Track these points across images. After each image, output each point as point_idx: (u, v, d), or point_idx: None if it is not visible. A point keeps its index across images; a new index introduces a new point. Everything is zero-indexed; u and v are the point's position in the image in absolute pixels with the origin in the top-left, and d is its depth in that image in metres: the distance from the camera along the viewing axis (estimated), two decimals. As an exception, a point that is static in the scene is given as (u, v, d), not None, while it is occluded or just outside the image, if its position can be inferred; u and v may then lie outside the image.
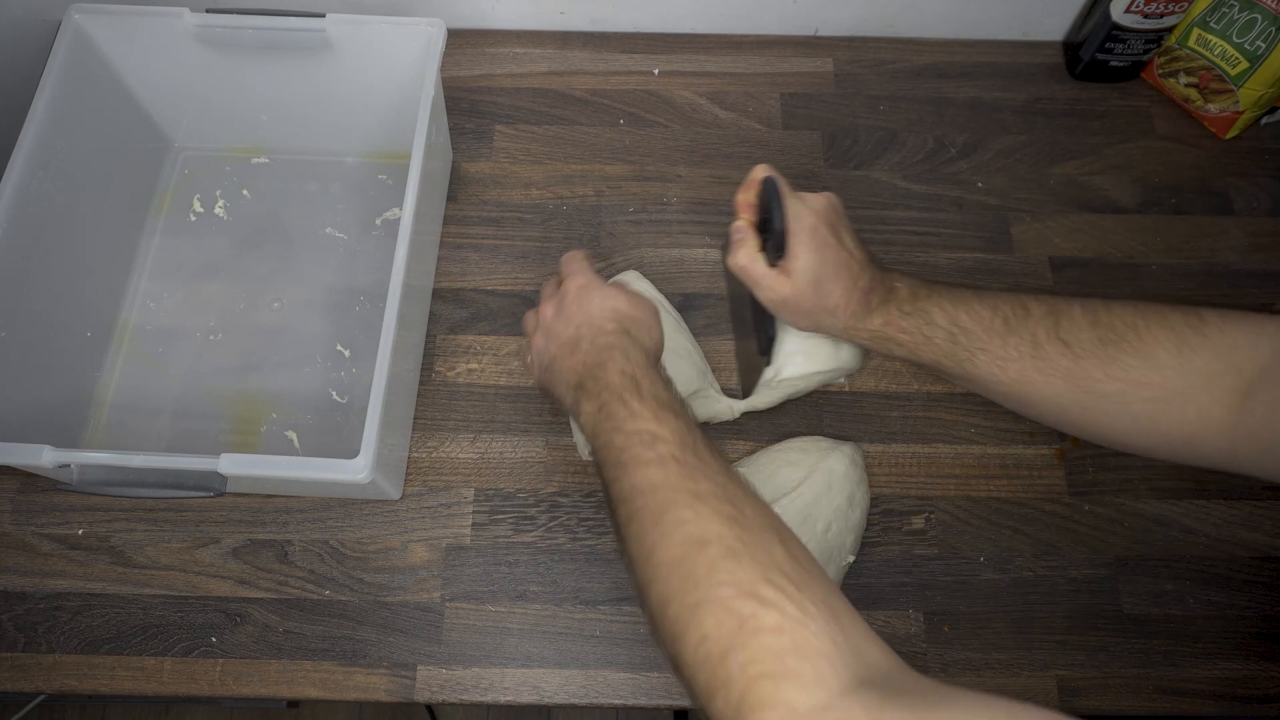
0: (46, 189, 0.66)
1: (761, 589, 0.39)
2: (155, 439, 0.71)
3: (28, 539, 0.68)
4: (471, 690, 0.64)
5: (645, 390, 0.50)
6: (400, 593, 0.67)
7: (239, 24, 0.69)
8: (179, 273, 0.78)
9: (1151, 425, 0.50)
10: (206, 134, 0.81)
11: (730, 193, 0.81)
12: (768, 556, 0.41)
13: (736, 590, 0.40)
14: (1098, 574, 0.68)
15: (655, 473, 0.46)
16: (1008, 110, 0.86)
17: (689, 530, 0.43)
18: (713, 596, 0.40)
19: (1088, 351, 0.51)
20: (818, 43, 0.89)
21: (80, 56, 0.69)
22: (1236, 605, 0.67)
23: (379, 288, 0.77)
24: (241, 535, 0.68)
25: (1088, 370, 0.51)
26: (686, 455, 0.46)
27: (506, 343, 0.75)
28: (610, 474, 0.49)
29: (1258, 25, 0.77)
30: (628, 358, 0.53)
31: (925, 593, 0.67)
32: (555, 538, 0.68)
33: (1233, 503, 0.70)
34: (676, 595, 0.41)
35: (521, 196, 0.81)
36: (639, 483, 0.46)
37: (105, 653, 0.64)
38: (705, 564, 0.41)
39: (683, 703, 0.64)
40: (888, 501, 0.70)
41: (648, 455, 0.47)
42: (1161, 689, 0.65)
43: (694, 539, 0.42)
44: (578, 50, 0.88)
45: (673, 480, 0.45)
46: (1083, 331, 0.52)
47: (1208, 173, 0.83)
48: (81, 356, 0.71)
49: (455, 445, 0.71)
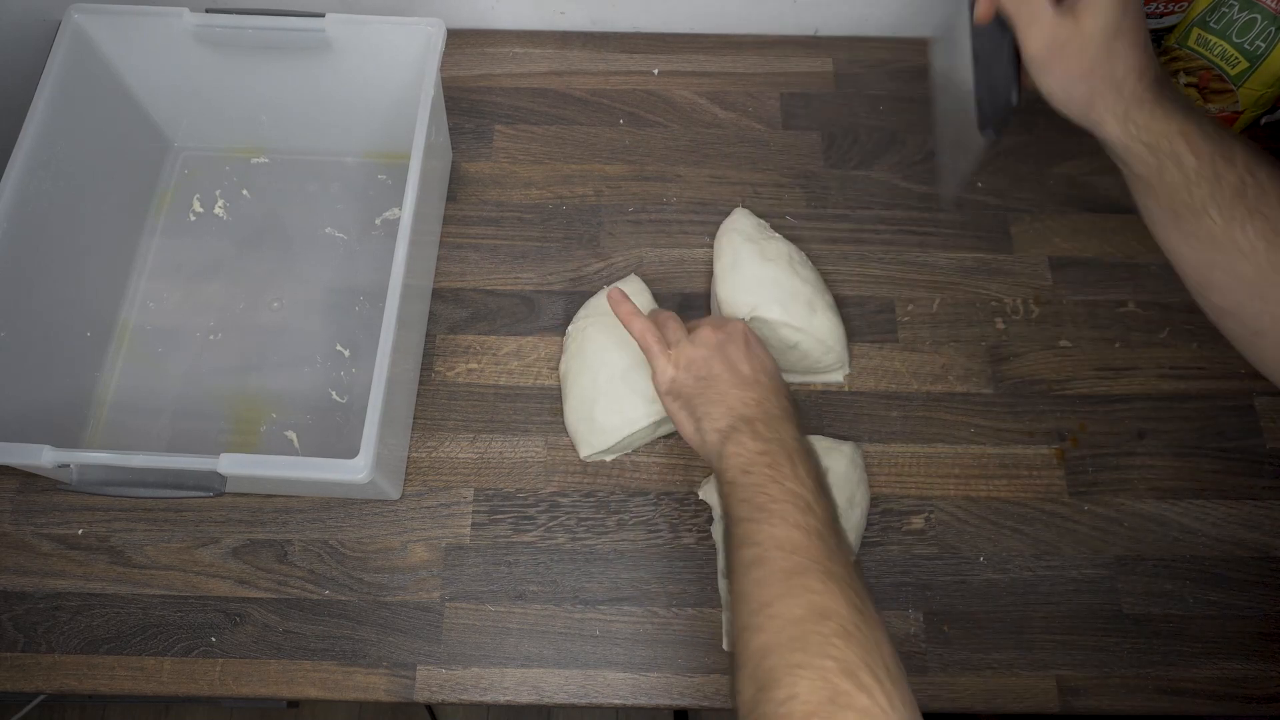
0: (46, 189, 0.66)
1: (861, 674, 0.42)
2: (155, 439, 0.71)
3: (27, 539, 0.68)
4: (471, 690, 0.64)
5: (812, 465, 0.54)
6: (400, 592, 0.67)
7: (239, 24, 0.69)
8: (179, 273, 0.78)
9: None
10: (206, 134, 0.82)
11: (730, 193, 0.81)
12: (876, 648, 0.44)
13: (839, 667, 0.42)
14: (1097, 574, 0.68)
15: (800, 537, 0.49)
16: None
17: (815, 600, 0.46)
18: (816, 664, 0.43)
19: None
20: (817, 43, 0.89)
21: (80, 56, 0.69)
22: (1236, 605, 0.67)
23: (379, 288, 0.76)
24: (241, 535, 0.68)
25: None
26: (829, 536, 0.49)
27: (506, 343, 0.75)
28: (748, 512, 0.51)
29: (1257, 25, 0.77)
30: (798, 429, 0.56)
31: (925, 593, 0.67)
32: (555, 538, 0.68)
33: (1233, 503, 0.70)
34: (782, 650, 0.44)
35: (521, 196, 0.81)
36: (781, 538, 0.49)
37: (105, 653, 0.64)
38: (820, 634, 0.44)
39: (683, 703, 0.64)
40: (887, 501, 0.70)
41: (798, 519, 0.49)
42: (1161, 689, 0.65)
43: (817, 609, 0.45)
44: (578, 50, 0.88)
45: (814, 551, 0.48)
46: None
47: (1208, 173, 0.83)
48: (81, 356, 0.71)
49: (455, 445, 0.71)
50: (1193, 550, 0.69)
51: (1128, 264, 0.79)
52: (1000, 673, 0.65)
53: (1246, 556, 0.68)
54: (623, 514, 0.69)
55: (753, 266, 0.70)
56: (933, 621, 0.66)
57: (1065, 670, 0.65)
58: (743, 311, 0.69)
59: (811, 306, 0.69)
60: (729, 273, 0.71)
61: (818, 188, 0.82)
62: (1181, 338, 0.76)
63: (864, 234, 0.79)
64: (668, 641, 0.66)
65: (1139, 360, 0.75)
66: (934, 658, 0.65)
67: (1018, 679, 0.65)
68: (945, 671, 0.65)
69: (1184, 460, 0.71)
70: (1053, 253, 0.79)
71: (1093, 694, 0.64)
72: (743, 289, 0.69)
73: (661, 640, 0.66)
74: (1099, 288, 0.78)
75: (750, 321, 0.68)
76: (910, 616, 0.66)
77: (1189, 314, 0.76)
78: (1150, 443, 0.72)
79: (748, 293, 0.69)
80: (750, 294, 0.69)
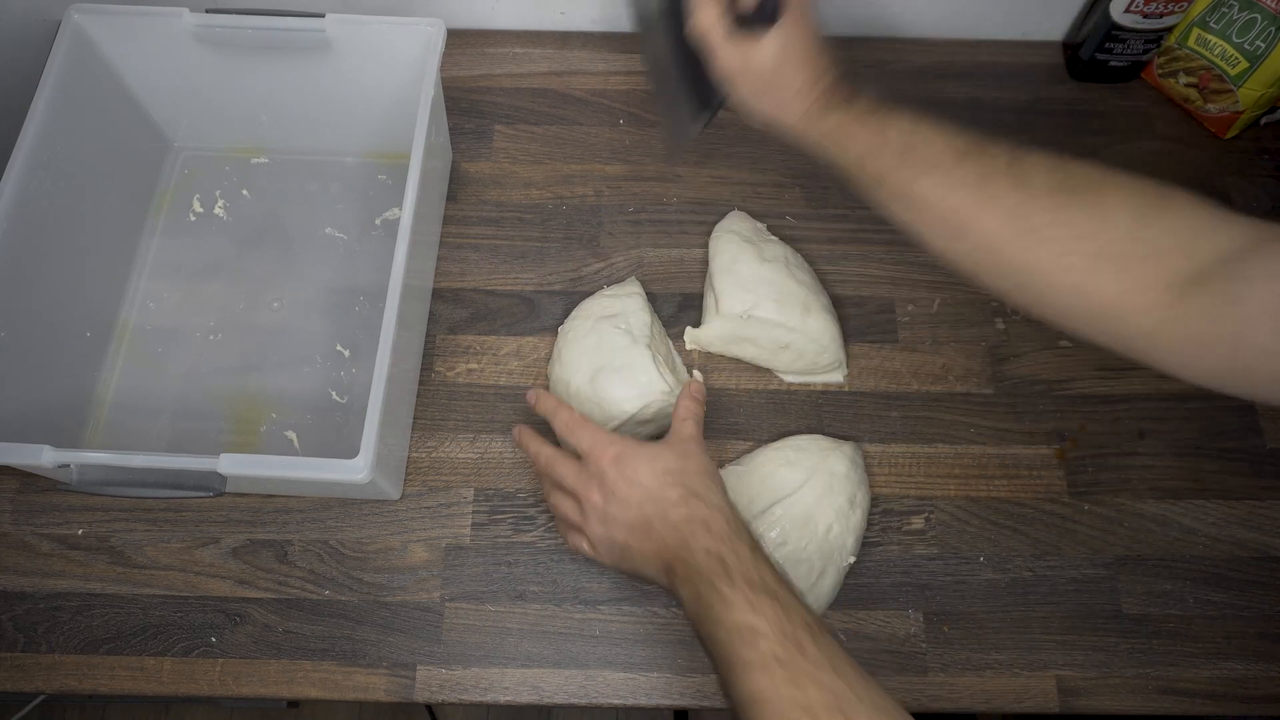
0: (46, 189, 0.66)
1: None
2: (155, 439, 0.71)
3: (27, 539, 0.68)
4: (471, 690, 0.64)
5: (735, 571, 0.48)
6: (400, 592, 0.67)
7: (239, 24, 0.69)
8: (179, 273, 0.78)
9: (1083, 283, 0.48)
10: (206, 134, 0.82)
11: (729, 193, 0.81)
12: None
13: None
14: (1097, 574, 0.68)
15: (761, 680, 0.45)
16: (1007, 110, 0.86)
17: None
18: None
19: (1039, 193, 0.49)
20: (817, 43, 0.89)
21: (80, 56, 0.69)
22: (1236, 605, 0.67)
23: (379, 288, 0.76)
24: (241, 535, 0.68)
25: (1034, 211, 0.49)
26: (789, 651, 0.45)
27: (506, 343, 0.75)
28: (721, 674, 0.48)
29: (1257, 25, 0.77)
30: (709, 529, 0.50)
31: (925, 593, 0.67)
32: (555, 537, 0.68)
33: (1232, 502, 0.70)
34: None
35: (521, 196, 0.81)
36: (746, 694, 0.45)
37: (105, 653, 0.64)
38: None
39: (682, 703, 0.64)
40: (887, 501, 0.70)
41: (750, 656, 0.45)
42: (1161, 689, 0.65)
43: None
44: (578, 50, 0.88)
45: (780, 690, 0.44)
46: (1039, 175, 0.50)
47: (1207, 173, 0.83)
48: (81, 356, 0.71)
49: (455, 445, 0.71)
50: (1193, 550, 0.69)
51: (1128, 264, 0.79)
52: (1000, 673, 0.65)
53: (1246, 556, 0.68)
54: (623, 514, 0.69)
55: (750, 266, 0.71)
56: (933, 621, 0.66)
57: (1065, 670, 0.65)
58: (739, 309, 0.69)
59: (806, 308, 0.70)
60: (726, 272, 0.71)
61: (818, 188, 0.82)
62: (1181, 338, 0.76)
63: (864, 234, 0.79)
64: (668, 641, 0.65)
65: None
66: (934, 658, 0.65)
67: (1017, 679, 0.65)
68: (945, 671, 0.65)
69: (1184, 460, 0.71)
70: (1053, 253, 0.79)
71: (1093, 694, 0.64)
72: (740, 287, 0.70)
73: (661, 640, 0.66)
74: (1099, 288, 0.78)
75: (746, 320, 0.69)
76: (910, 616, 0.66)
77: (1189, 314, 0.76)
78: (1150, 443, 0.72)
79: (746, 290, 0.70)
80: (748, 292, 0.70)
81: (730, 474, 0.67)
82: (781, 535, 0.63)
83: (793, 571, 0.63)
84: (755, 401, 0.73)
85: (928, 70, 0.88)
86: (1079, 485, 0.71)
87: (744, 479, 0.66)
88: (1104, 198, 0.48)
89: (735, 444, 0.71)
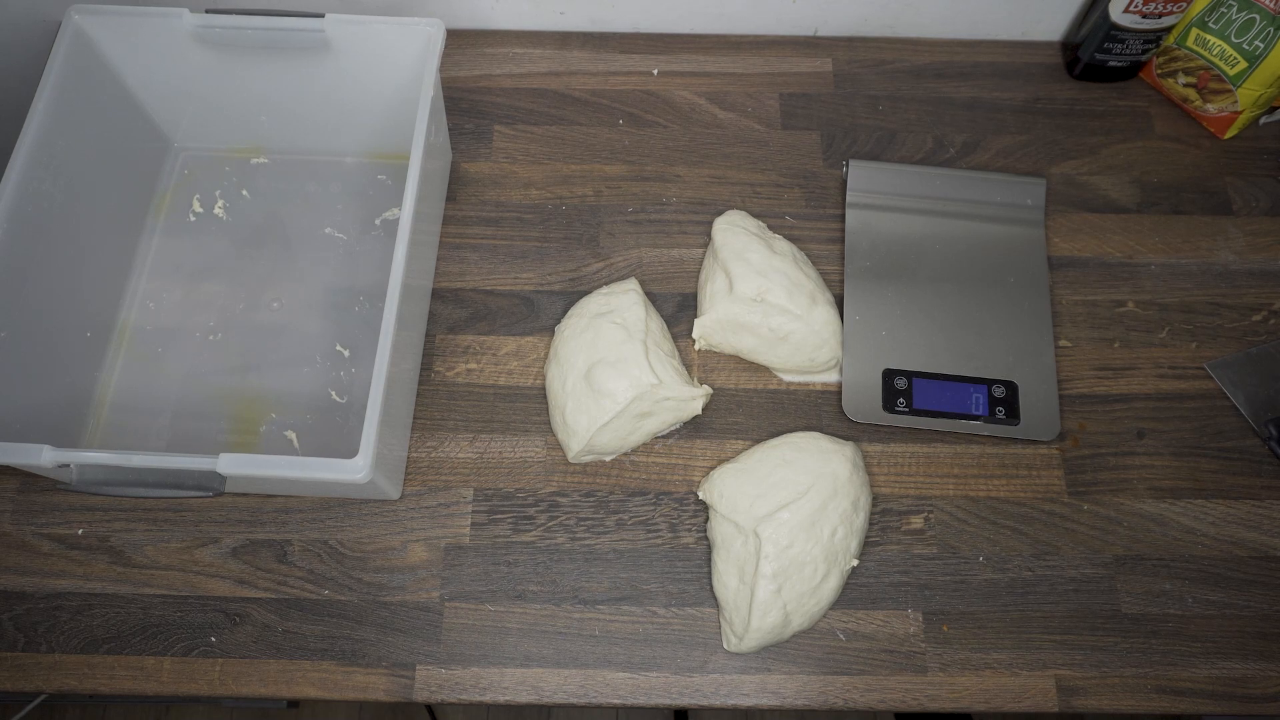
0: (46, 189, 0.66)
1: None
2: (155, 439, 0.71)
3: (28, 539, 0.68)
4: (470, 690, 0.64)
5: None
6: (399, 592, 0.67)
7: (238, 24, 0.69)
8: (178, 273, 0.78)
9: None
10: (206, 134, 0.82)
11: (729, 193, 0.81)
12: None
13: None
14: (1096, 573, 0.68)
15: None
16: (1007, 110, 0.86)
17: None
18: None
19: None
20: (817, 43, 0.89)
21: (80, 57, 0.69)
22: (1235, 605, 0.67)
23: (378, 288, 0.77)
24: (241, 535, 0.68)
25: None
26: None
27: (505, 342, 0.75)
28: None
29: (1256, 25, 0.77)
30: None
31: (924, 592, 0.67)
32: (554, 537, 0.68)
33: (1232, 502, 0.70)
34: None
35: (521, 196, 0.81)
36: None
37: (105, 653, 0.65)
38: None
39: (682, 703, 0.64)
40: (887, 501, 0.70)
41: None
42: (1161, 688, 0.65)
43: None
44: (577, 50, 0.88)
45: None
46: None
47: (1206, 172, 0.83)
48: (81, 356, 0.71)
49: (454, 445, 0.71)
50: (1191, 550, 0.69)
51: (1126, 264, 0.79)
52: (999, 672, 0.65)
53: (1246, 556, 0.69)
54: (622, 514, 0.69)
55: (762, 255, 0.72)
56: (932, 621, 0.66)
57: (1064, 670, 0.65)
58: (752, 292, 0.70)
59: (813, 299, 0.71)
60: (739, 258, 0.72)
61: (817, 188, 0.82)
62: (1180, 337, 0.76)
63: (863, 234, 0.79)
64: (667, 641, 0.66)
65: (1138, 360, 0.75)
66: (933, 658, 0.65)
67: (1017, 679, 0.65)
68: (945, 671, 0.65)
69: (1183, 460, 0.72)
70: (1052, 252, 0.79)
71: (1092, 693, 0.65)
72: (754, 272, 0.71)
73: (661, 640, 0.66)
74: (1098, 287, 0.78)
75: (754, 304, 0.70)
76: (910, 616, 0.66)
77: (1188, 314, 0.77)
78: (1150, 442, 0.72)
79: (759, 275, 0.71)
80: (762, 277, 0.71)
81: (728, 473, 0.67)
82: (788, 539, 0.63)
83: (797, 575, 0.63)
84: (754, 401, 0.73)
85: (927, 70, 0.88)
86: (1078, 485, 0.71)
87: (743, 478, 0.66)
88: None
89: (734, 443, 0.71)
